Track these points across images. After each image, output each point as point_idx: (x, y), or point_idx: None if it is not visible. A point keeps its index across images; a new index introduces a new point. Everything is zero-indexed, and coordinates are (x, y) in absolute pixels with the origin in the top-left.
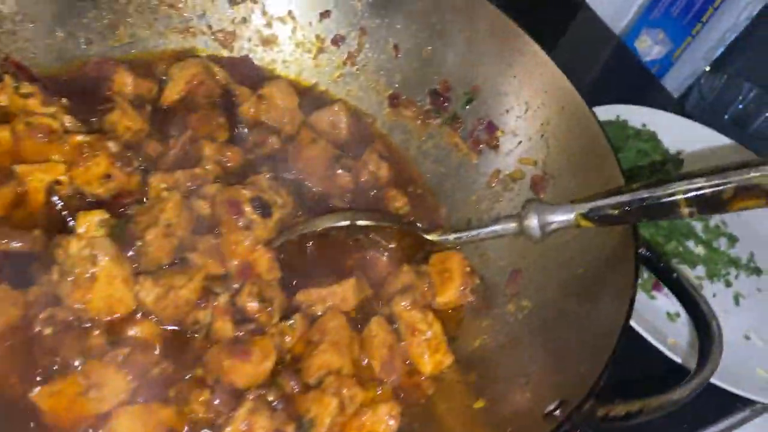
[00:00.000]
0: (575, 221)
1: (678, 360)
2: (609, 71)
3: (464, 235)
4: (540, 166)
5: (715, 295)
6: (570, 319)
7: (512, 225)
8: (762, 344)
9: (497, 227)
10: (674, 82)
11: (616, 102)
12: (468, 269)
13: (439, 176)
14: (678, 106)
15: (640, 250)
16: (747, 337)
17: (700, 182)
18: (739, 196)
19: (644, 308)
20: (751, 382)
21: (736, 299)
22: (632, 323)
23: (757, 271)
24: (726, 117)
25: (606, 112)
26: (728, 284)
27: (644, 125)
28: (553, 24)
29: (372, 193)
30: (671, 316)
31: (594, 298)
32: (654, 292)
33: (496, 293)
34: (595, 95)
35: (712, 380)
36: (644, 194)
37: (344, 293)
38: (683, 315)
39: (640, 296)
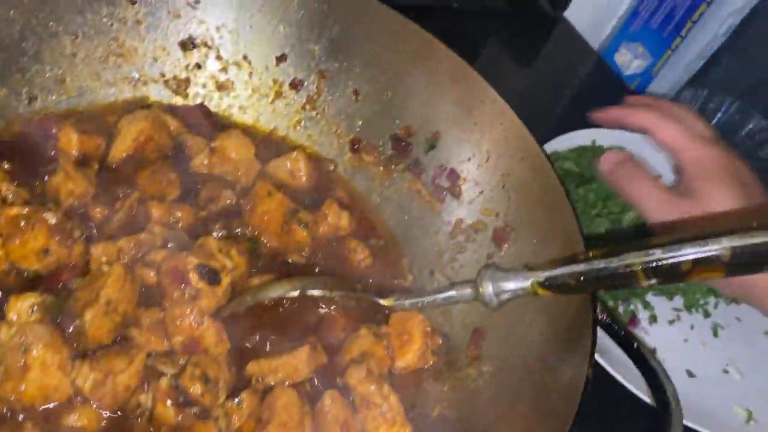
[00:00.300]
0: (531, 289)
1: (648, 400)
2: (588, 86)
3: (420, 301)
4: (501, 217)
5: (693, 327)
6: (531, 385)
7: (468, 291)
8: (740, 378)
9: (453, 293)
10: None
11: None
12: (428, 329)
13: (402, 224)
14: None
15: (600, 317)
16: (725, 371)
17: (658, 254)
18: (697, 269)
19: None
20: (726, 421)
21: (715, 330)
22: (601, 360)
23: (736, 300)
24: None
25: (581, 138)
26: (707, 314)
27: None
28: (529, 39)
29: (332, 246)
30: None
31: (554, 365)
32: (630, 327)
33: (458, 354)
34: (573, 111)
35: (686, 422)
36: (601, 264)
37: (297, 364)
38: (659, 351)
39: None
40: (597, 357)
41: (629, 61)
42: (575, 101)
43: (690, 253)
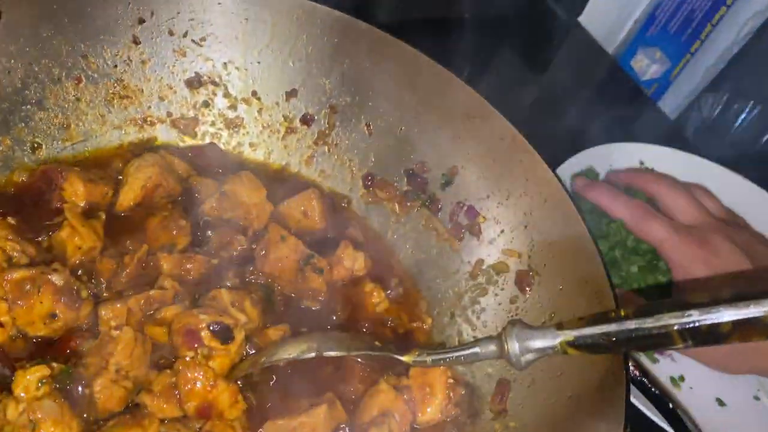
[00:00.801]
0: (560, 349)
1: None
2: (603, 93)
3: (442, 358)
4: (525, 260)
5: None
6: None
7: (492, 348)
8: None
9: (477, 350)
10: (672, 103)
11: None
12: (451, 380)
13: (419, 263)
14: (675, 128)
15: (633, 374)
16: (756, 398)
17: (695, 315)
18: (738, 331)
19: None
20: None
21: None
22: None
23: None
24: (727, 138)
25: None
26: None
27: (642, 163)
28: (543, 46)
29: (347, 289)
30: (675, 381)
31: (584, 424)
32: (656, 355)
33: (482, 406)
34: (589, 119)
35: None
36: (633, 325)
37: (314, 424)
38: (688, 379)
39: (642, 359)
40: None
41: (646, 66)
42: (591, 109)
43: (730, 314)
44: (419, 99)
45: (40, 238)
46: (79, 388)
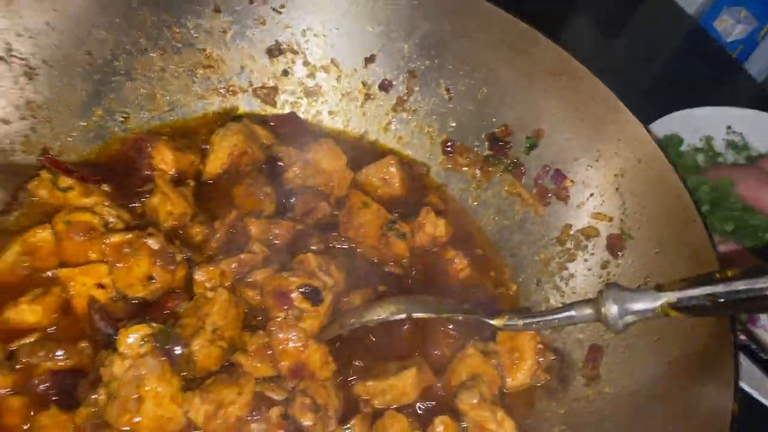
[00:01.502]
0: (660, 311)
1: None
2: (684, 57)
3: (534, 321)
4: (616, 224)
5: None
6: (663, 409)
7: (588, 311)
8: None
9: (572, 313)
10: (759, 65)
11: (690, 96)
12: (540, 346)
13: (502, 230)
14: (763, 90)
15: (739, 337)
16: None
17: None
18: None
19: None
20: None
21: None
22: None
23: None
24: None
25: (679, 120)
26: None
27: (729, 128)
28: (616, 8)
29: (429, 256)
30: None
31: (688, 394)
32: (749, 325)
33: (573, 372)
34: (668, 86)
35: None
36: (742, 286)
37: (404, 387)
38: None
39: None
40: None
41: (731, 26)
42: (671, 74)
43: None
44: (502, 59)
45: (132, 205)
46: (178, 348)
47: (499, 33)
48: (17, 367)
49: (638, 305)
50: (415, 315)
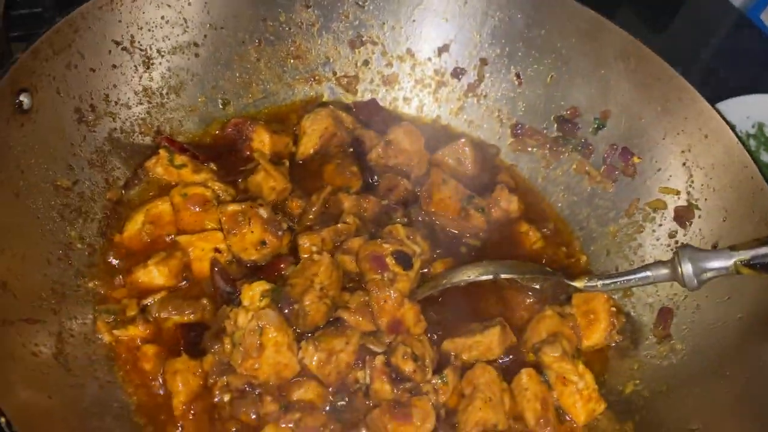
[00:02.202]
0: (734, 269)
1: None
2: (730, 49)
3: (613, 281)
4: (683, 197)
5: None
6: (733, 362)
7: (665, 271)
8: None
9: (649, 273)
10: None
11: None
12: (613, 309)
13: (571, 205)
14: None
15: None
16: None
17: None
18: None
19: None
20: None
21: None
22: None
23: None
24: None
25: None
26: None
27: None
28: (663, 2)
29: (503, 230)
30: None
31: (759, 342)
32: None
33: (644, 333)
34: (716, 79)
35: None
36: None
37: (489, 343)
38: None
39: None
40: None
41: None
42: (718, 68)
43: None
44: (570, 44)
45: (237, 181)
46: (289, 304)
47: (570, 21)
48: (149, 319)
49: (713, 263)
50: (503, 275)
